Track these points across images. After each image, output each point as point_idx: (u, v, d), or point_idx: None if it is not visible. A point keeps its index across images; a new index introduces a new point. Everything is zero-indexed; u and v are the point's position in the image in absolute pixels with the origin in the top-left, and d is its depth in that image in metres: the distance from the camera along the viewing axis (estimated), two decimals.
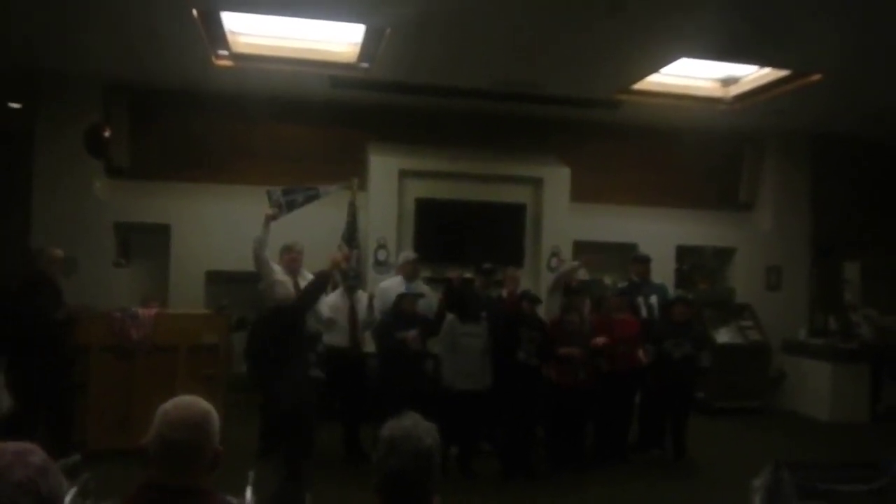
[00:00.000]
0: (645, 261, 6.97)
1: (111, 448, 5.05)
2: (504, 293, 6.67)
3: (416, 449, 1.85)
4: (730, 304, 8.85)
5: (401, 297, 5.65)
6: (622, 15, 5.26)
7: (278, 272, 5.86)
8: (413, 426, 1.91)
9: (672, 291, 7.77)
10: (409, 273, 6.35)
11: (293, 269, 5.74)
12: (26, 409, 5.16)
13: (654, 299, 6.74)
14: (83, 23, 5.78)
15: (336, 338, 5.89)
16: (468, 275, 6.58)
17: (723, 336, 8.16)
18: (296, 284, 5.53)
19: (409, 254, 6.63)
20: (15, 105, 7.81)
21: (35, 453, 1.47)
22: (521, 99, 7.70)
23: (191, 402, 1.90)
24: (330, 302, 5.93)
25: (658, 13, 5.28)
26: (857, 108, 7.76)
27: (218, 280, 7.69)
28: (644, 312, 6.61)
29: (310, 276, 5.95)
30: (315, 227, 7.37)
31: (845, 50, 5.97)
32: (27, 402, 5.16)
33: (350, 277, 6.37)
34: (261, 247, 5.44)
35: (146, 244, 7.84)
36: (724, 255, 9.37)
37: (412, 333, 5.43)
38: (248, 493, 2.93)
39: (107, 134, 7.16)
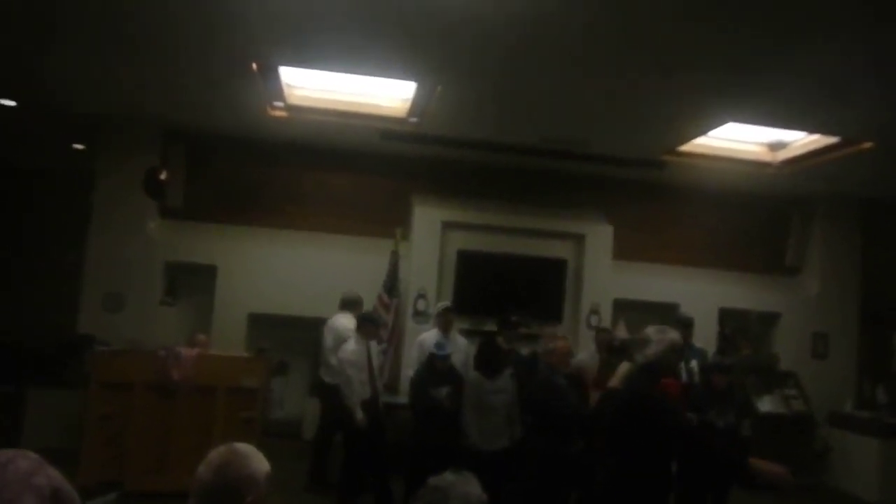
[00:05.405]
0: (688, 324, 6.85)
1: (148, 490, 5.09)
2: (541, 351, 6.63)
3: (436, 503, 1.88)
4: (774, 372, 8.59)
5: (433, 356, 5.61)
6: (670, 76, 5.31)
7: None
8: (449, 485, 1.94)
9: (711, 356, 7.62)
10: (444, 324, 6.36)
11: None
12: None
13: (694, 364, 6.61)
14: (146, 73, 6.04)
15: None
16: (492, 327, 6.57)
17: (766, 405, 7.91)
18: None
19: (441, 304, 6.65)
20: (78, 146, 8.16)
21: (30, 453, 1.52)
22: (567, 156, 7.74)
23: (231, 445, 1.91)
24: (351, 349, 5.67)
25: (707, 77, 5.31)
26: None
27: (260, 323, 7.82)
28: (684, 377, 6.48)
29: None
30: (357, 275, 7.49)
31: None
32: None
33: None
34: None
35: (193, 284, 8.02)
36: (768, 320, 9.16)
37: (445, 391, 5.40)
38: None
39: (163, 176, 7.42)
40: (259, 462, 1.90)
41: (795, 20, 4.29)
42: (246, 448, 1.92)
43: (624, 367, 3.96)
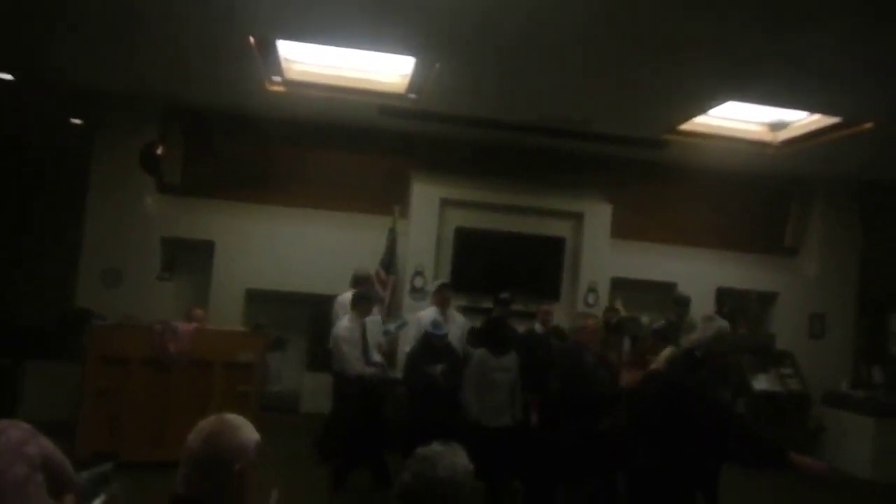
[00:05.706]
0: (685, 303, 6.88)
1: (145, 461, 5.13)
2: (537, 328, 6.66)
3: (424, 473, 1.90)
4: (770, 351, 8.64)
5: (428, 334, 5.62)
6: (671, 56, 5.28)
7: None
8: (437, 454, 1.95)
9: None
10: (441, 301, 6.37)
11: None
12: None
13: None
14: (143, 47, 5.99)
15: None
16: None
17: (761, 383, 7.96)
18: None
19: (439, 281, 6.67)
20: (76, 121, 8.12)
21: (22, 424, 1.52)
22: (567, 135, 7.70)
23: (221, 415, 1.90)
24: (344, 326, 5.71)
25: (707, 57, 5.27)
26: None
27: (257, 298, 7.84)
28: None
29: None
30: (354, 251, 7.50)
31: None
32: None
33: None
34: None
35: (190, 260, 8.03)
36: (766, 300, 9.19)
37: (439, 368, 5.41)
38: None
39: (160, 152, 7.39)
40: (249, 432, 1.90)
41: (792, 7, 4.27)
42: (236, 418, 1.91)
43: (667, 351, 4.01)
